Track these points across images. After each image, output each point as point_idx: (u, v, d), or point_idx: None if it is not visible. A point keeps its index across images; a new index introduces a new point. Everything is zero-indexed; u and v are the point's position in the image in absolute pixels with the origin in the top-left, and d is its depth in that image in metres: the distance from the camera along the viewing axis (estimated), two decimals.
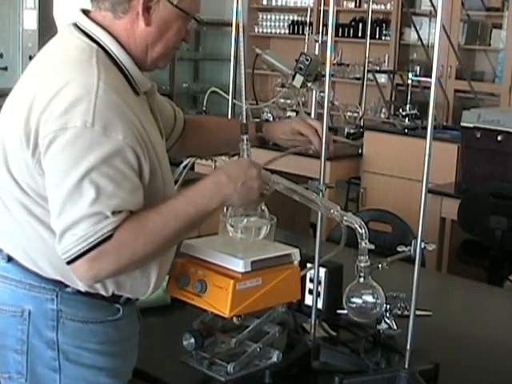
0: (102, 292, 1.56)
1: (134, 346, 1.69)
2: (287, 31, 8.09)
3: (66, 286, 1.55)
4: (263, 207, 1.77)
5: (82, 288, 1.54)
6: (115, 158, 1.44)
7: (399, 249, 1.72)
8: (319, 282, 1.98)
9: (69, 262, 1.46)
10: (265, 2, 8.37)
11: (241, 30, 3.09)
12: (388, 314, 1.97)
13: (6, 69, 6.54)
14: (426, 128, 1.69)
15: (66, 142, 1.42)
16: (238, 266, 1.68)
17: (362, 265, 1.67)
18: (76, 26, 1.59)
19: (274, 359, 1.82)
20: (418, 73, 6.45)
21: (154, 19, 1.57)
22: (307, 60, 1.86)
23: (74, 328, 1.56)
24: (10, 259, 1.58)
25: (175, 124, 1.94)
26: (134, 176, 1.48)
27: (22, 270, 1.56)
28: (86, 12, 1.61)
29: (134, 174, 1.48)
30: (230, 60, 3.10)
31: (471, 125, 4.02)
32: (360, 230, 1.65)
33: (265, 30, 8.27)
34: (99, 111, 1.43)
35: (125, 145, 1.45)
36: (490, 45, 6.82)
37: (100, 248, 1.43)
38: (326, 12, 5.15)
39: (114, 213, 1.44)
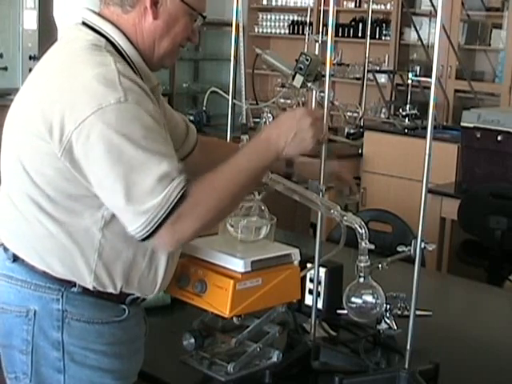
0: (111, 289, 1.56)
1: (140, 348, 1.69)
2: (287, 31, 8.08)
3: (72, 285, 1.54)
4: (263, 207, 1.77)
5: (90, 285, 1.54)
6: (154, 124, 1.47)
7: (399, 249, 1.73)
8: (319, 282, 1.98)
9: (151, 234, 1.45)
10: (265, 2, 8.35)
11: (241, 30, 3.10)
12: (388, 314, 1.97)
13: (6, 69, 6.53)
14: (426, 128, 1.69)
15: (107, 121, 1.43)
16: (238, 266, 1.68)
17: (362, 265, 1.68)
18: (83, 23, 1.60)
19: (274, 359, 1.82)
20: (418, 73, 6.44)
21: (161, 13, 1.59)
22: (307, 60, 1.86)
23: (80, 328, 1.55)
24: (15, 259, 1.58)
25: (187, 137, 1.91)
26: (169, 138, 1.53)
27: (28, 270, 1.56)
28: (93, 11, 1.62)
29: (167, 136, 1.53)
30: (230, 60, 3.10)
31: (471, 125, 4.03)
32: (360, 230, 1.65)
33: (265, 30, 8.26)
34: (126, 86, 1.45)
35: (155, 112, 1.50)
36: (489, 45, 6.81)
37: (179, 209, 1.44)
38: (326, 12, 5.16)
39: (176, 171, 1.46)
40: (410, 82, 5.08)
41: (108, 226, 1.52)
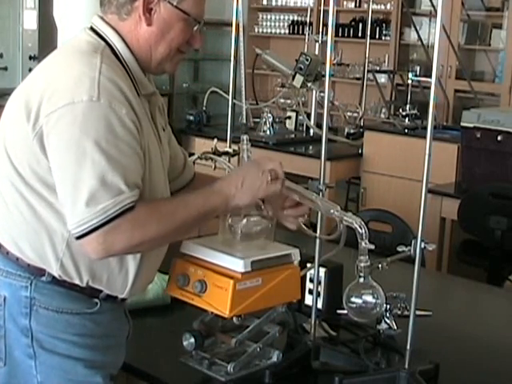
0: (77, 281, 1.57)
1: (119, 344, 1.70)
2: (287, 31, 8.08)
3: (42, 275, 1.57)
4: (263, 207, 1.77)
5: (56, 273, 1.56)
6: (122, 131, 1.50)
7: (399, 249, 1.72)
8: (319, 282, 1.98)
9: (82, 236, 1.48)
10: (265, 2, 8.36)
11: (241, 30, 3.10)
12: (388, 314, 1.97)
13: (6, 69, 6.54)
14: (426, 128, 1.69)
15: (74, 116, 1.47)
16: (238, 265, 1.68)
17: (362, 265, 1.67)
18: (91, 28, 1.66)
19: (274, 359, 1.82)
20: (418, 73, 6.45)
21: (155, 20, 1.62)
22: (307, 60, 1.86)
23: (48, 317, 1.57)
24: None
25: (182, 173, 1.90)
26: (138, 150, 1.54)
27: (3, 258, 1.59)
28: (101, 17, 1.67)
29: (138, 148, 1.53)
30: (230, 60, 3.10)
31: (471, 125, 4.03)
32: (360, 230, 1.65)
33: (265, 30, 8.27)
34: (103, 86, 1.49)
35: (128, 119, 1.51)
36: (490, 45, 6.82)
37: (116, 221, 1.47)
38: (326, 12, 5.16)
39: (128, 186, 1.48)
40: (410, 82, 5.08)
41: None
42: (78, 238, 1.49)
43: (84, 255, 1.55)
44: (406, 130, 4.85)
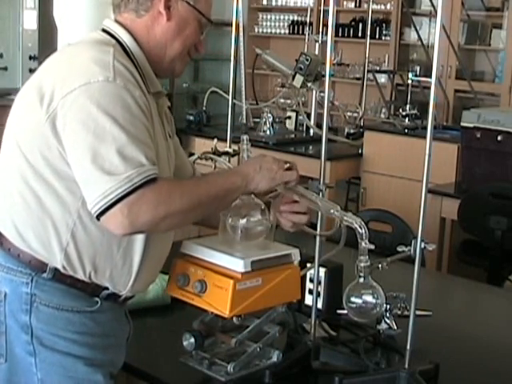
0: (80, 273, 1.57)
1: (119, 345, 1.70)
2: (287, 31, 8.08)
3: (43, 271, 1.57)
4: (263, 207, 1.77)
5: (60, 264, 1.56)
6: (137, 110, 1.52)
7: (399, 249, 1.72)
8: (319, 282, 1.98)
9: (105, 210, 1.46)
10: (265, 2, 8.35)
11: (241, 30, 3.10)
12: (388, 314, 1.97)
13: (6, 69, 6.54)
14: (426, 128, 1.69)
15: (90, 95, 1.49)
16: (238, 265, 1.68)
17: (362, 265, 1.67)
18: (102, 29, 1.69)
19: (274, 359, 1.82)
20: (418, 73, 6.45)
21: (173, 15, 1.67)
22: (307, 60, 1.86)
23: (49, 314, 1.57)
24: None
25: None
26: (152, 133, 1.56)
27: (4, 254, 1.60)
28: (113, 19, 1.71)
29: (151, 131, 1.56)
30: (230, 60, 3.10)
31: (471, 125, 4.03)
32: (360, 230, 1.65)
33: (265, 30, 8.26)
34: (118, 69, 1.53)
35: (142, 102, 1.54)
36: (490, 45, 6.81)
37: (141, 191, 1.46)
38: (326, 12, 5.16)
39: (148, 159, 1.49)
40: (410, 81, 5.08)
41: (85, 209, 1.52)
42: (101, 213, 1.47)
43: (88, 246, 1.56)
44: (406, 130, 4.85)
